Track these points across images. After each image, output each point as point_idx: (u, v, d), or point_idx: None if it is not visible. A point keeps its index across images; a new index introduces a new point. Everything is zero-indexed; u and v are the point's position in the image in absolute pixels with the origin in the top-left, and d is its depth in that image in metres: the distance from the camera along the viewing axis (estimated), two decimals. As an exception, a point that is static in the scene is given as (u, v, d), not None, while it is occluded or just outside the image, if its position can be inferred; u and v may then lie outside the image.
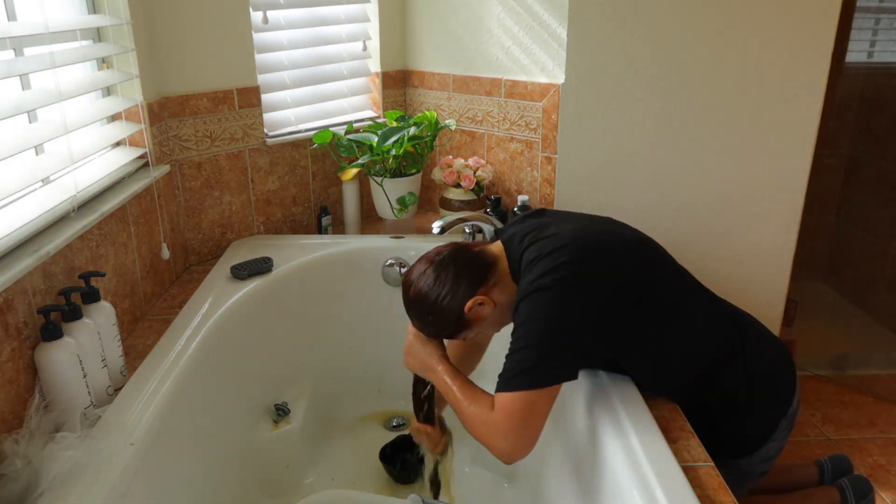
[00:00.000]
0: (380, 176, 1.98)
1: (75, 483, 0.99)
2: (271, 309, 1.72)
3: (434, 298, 1.17)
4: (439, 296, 1.17)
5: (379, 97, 2.24)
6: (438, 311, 1.18)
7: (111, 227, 1.45)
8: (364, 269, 1.91)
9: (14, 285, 1.09)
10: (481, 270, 1.19)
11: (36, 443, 1.02)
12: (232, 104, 1.86)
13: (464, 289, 1.16)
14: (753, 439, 1.29)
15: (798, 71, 1.86)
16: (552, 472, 1.40)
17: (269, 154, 1.98)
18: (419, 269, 1.21)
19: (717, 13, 1.81)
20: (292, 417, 1.71)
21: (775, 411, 1.29)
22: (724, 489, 1.02)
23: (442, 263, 1.18)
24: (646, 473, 1.00)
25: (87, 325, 1.20)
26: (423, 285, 1.18)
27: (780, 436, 1.29)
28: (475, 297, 1.16)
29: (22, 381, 1.11)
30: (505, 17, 1.95)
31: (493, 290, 1.18)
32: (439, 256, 1.20)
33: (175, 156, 1.78)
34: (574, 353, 1.08)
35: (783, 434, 1.30)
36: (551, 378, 1.06)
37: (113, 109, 1.52)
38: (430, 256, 1.21)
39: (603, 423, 1.14)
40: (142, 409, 1.19)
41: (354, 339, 1.95)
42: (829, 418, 2.06)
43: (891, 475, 1.83)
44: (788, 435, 1.32)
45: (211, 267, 1.80)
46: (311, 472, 1.73)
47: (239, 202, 1.95)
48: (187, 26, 1.73)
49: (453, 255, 1.20)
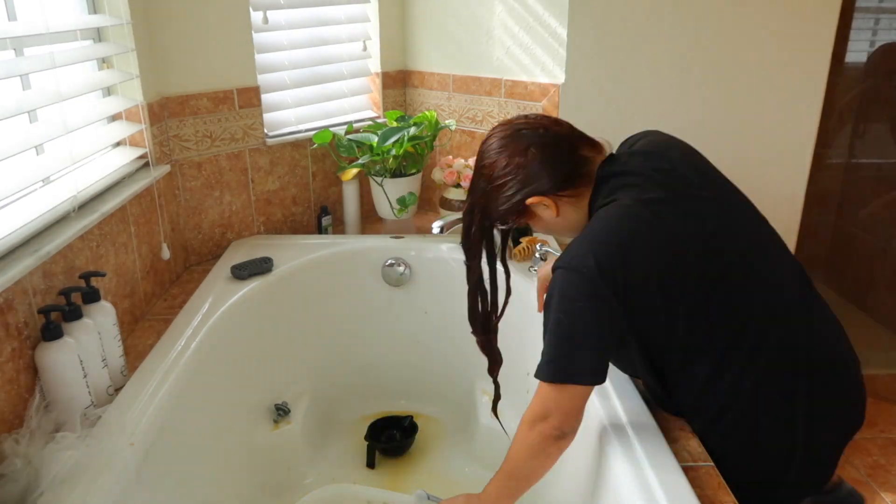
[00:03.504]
0: (380, 176, 1.98)
1: (75, 483, 0.99)
2: (271, 309, 1.72)
3: (503, 181, 1.09)
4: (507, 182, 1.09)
5: (379, 97, 2.24)
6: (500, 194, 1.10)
7: (111, 227, 1.45)
8: (364, 269, 1.91)
9: (14, 285, 1.10)
10: (570, 178, 1.10)
11: (36, 443, 1.02)
12: (232, 104, 1.86)
13: (537, 185, 1.08)
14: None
15: (798, 71, 1.86)
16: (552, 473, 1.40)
17: (270, 154, 1.98)
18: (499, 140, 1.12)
19: (716, 14, 1.81)
20: (292, 417, 1.71)
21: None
22: (724, 489, 1.02)
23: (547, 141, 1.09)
24: (646, 473, 1.00)
25: (87, 325, 1.20)
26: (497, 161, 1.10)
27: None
28: (543, 196, 1.09)
29: (22, 380, 1.11)
30: (505, 17, 1.95)
31: (565, 202, 1.11)
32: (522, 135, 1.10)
33: (175, 156, 1.78)
34: (596, 350, 1.02)
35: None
36: (566, 377, 1.03)
37: (113, 109, 1.52)
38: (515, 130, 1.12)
39: (602, 422, 1.14)
40: (142, 409, 1.19)
41: (354, 339, 1.95)
42: (829, 418, 2.06)
43: (891, 475, 1.83)
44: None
45: (211, 267, 1.80)
46: (311, 472, 1.73)
47: (239, 202, 1.95)
48: (187, 26, 1.73)
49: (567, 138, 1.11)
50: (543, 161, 1.09)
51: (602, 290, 0.99)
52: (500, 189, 1.11)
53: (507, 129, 1.13)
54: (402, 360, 1.98)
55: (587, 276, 0.99)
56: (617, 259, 1.00)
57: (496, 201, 1.12)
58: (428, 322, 1.93)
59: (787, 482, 1.09)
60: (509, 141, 1.11)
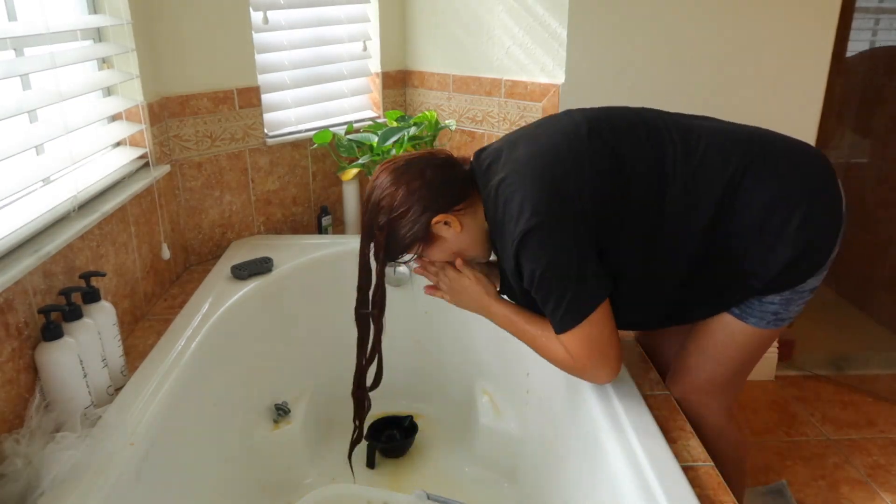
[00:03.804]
0: (380, 176, 1.98)
1: (75, 483, 0.99)
2: (271, 309, 1.72)
3: (400, 205, 1.13)
4: (410, 207, 1.12)
5: (379, 97, 2.24)
6: (404, 222, 1.13)
7: (111, 227, 1.45)
8: (364, 269, 1.91)
9: (15, 285, 1.10)
10: (461, 193, 1.16)
11: (36, 443, 1.02)
12: (232, 104, 1.86)
13: (438, 204, 1.13)
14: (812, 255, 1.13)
15: (798, 71, 1.86)
16: (552, 472, 1.40)
17: (270, 154, 1.98)
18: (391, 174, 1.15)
19: (716, 14, 1.81)
20: (292, 417, 1.71)
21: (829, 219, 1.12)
22: (724, 489, 1.02)
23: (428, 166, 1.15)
24: (646, 473, 1.00)
25: (87, 325, 1.20)
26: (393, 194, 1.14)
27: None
28: (445, 214, 1.13)
29: (22, 380, 1.11)
30: (505, 17, 1.95)
31: (465, 214, 1.15)
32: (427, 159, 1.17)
33: (175, 156, 1.78)
34: (594, 271, 1.06)
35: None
36: (593, 303, 1.06)
37: (113, 109, 1.52)
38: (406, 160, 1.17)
39: (603, 422, 1.14)
40: (142, 409, 1.19)
41: (354, 339, 1.94)
42: (829, 418, 2.06)
43: (891, 475, 1.83)
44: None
45: (211, 267, 1.80)
46: (311, 472, 1.73)
47: (239, 202, 1.95)
48: (187, 26, 1.73)
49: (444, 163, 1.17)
50: (441, 180, 1.14)
51: (557, 223, 1.04)
52: (403, 216, 1.14)
53: (393, 164, 1.18)
54: (401, 360, 1.97)
55: (538, 225, 1.03)
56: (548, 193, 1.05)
57: (399, 231, 1.15)
58: (428, 322, 1.93)
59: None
60: (402, 172, 1.15)
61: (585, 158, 1.09)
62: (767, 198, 1.09)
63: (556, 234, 1.05)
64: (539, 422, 1.54)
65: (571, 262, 1.05)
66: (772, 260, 1.10)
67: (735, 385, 1.30)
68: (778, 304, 1.16)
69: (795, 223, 1.08)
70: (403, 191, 1.13)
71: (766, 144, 1.15)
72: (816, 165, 1.15)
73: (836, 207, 1.13)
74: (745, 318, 1.18)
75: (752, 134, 1.16)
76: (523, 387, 1.64)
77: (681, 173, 1.09)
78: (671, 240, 1.10)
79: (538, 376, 1.57)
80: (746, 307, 1.17)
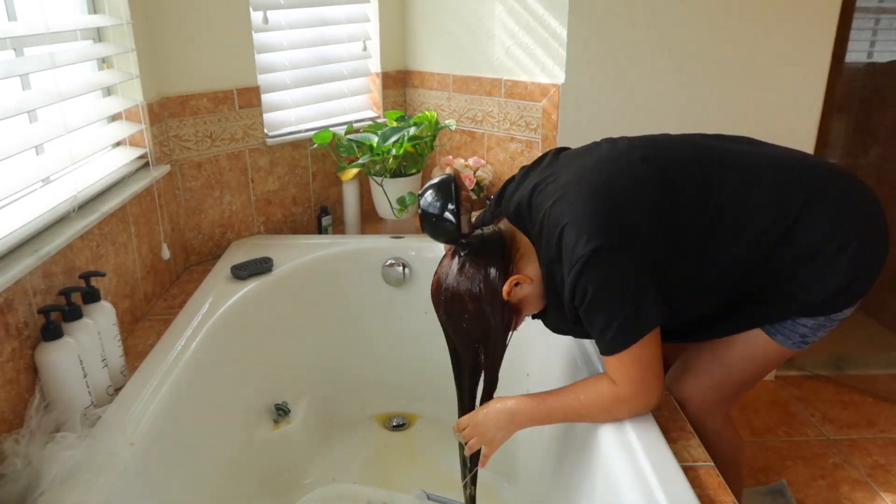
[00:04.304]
0: (380, 176, 1.98)
1: (75, 483, 0.99)
2: (271, 309, 1.72)
3: (470, 298, 1.12)
4: (475, 295, 1.11)
5: (379, 97, 2.24)
6: (479, 310, 1.13)
7: (111, 227, 1.45)
8: (364, 269, 1.91)
9: (14, 285, 1.10)
10: (501, 251, 1.14)
11: (36, 443, 1.02)
12: (232, 104, 1.86)
13: (494, 276, 1.11)
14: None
15: (798, 71, 1.86)
16: (552, 473, 1.40)
17: (270, 154, 1.98)
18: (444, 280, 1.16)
19: (716, 15, 1.81)
20: (292, 417, 1.71)
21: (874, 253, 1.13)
22: (724, 489, 1.02)
23: (462, 267, 1.14)
24: (646, 473, 1.00)
25: (87, 325, 1.20)
26: (455, 291, 1.13)
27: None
28: (508, 279, 1.11)
29: (22, 381, 1.11)
30: (505, 17, 1.95)
31: (523, 265, 1.13)
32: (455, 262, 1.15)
33: (175, 156, 1.78)
34: (652, 295, 1.03)
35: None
36: (647, 327, 1.02)
37: (113, 109, 1.52)
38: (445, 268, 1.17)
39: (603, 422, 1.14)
40: (142, 409, 1.19)
41: (354, 339, 1.95)
42: (829, 418, 2.06)
43: (891, 475, 1.83)
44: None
45: (211, 267, 1.80)
46: (311, 472, 1.73)
47: (239, 202, 1.95)
48: (187, 26, 1.73)
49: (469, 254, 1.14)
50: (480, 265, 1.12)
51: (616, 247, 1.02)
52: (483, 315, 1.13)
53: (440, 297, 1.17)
54: (402, 360, 1.97)
55: (596, 250, 1.00)
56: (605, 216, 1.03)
57: (492, 334, 1.15)
58: (428, 322, 1.92)
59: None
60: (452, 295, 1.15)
61: (640, 183, 1.08)
62: (826, 229, 1.09)
63: (615, 256, 1.02)
64: (539, 422, 1.54)
65: (629, 283, 1.02)
66: (817, 289, 1.11)
67: (738, 395, 1.30)
68: (809, 329, 1.16)
69: (847, 256, 1.09)
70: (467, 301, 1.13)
71: (821, 176, 1.15)
72: (868, 199, 1.16)
73: (884, 243, 1.14)
74: (774, 334, 1.17)
75: (804, 162, 1.16)
76: (523, 387, 1.64)
77: (736, 202, 1.09)
78: (721, 263, 1.10)
79: (538, 376, 1.57)
80: (778, 325, 1.17)
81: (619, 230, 1.03)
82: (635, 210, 1.05)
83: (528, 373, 1.62)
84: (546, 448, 1.46)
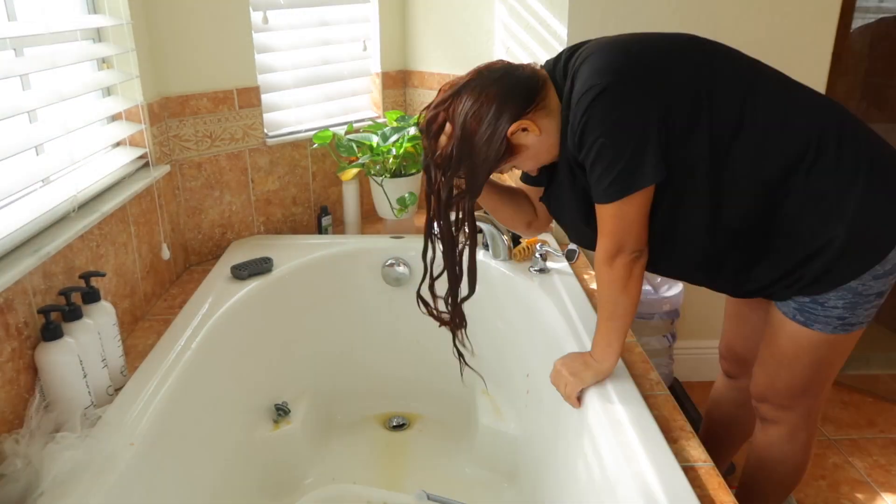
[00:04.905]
0: (380, 176, 1.98)
1: (75, 483, 0.99)
2: (271, 309, 1.72)
3: (477, 122, 1.08)
4: (482, 118, 1.08)
5: (379, 97, 2.24)
6: (479, 138, 1.09)
7: (111, 227, 1.45)
8: (364, 269, 1.91)
9: (14, 285, 1.10)
10: (529, 93, 1.11)
11: (36, 443, 1.02)
12: (232, 104, 1.86)
13: (509, 112, 1.08)
14: (871, 246, 1.10)
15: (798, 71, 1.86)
16: (552, 473, 1.40)
17: (270, 154, 1.98)
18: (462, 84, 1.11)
19: (716, 15, 1.81)
20: (292, 417, 1.72)
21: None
22: (724, 489, 1.02)
23: (485, 84, 1.10)
24: (646, 473, 1.00)
25: (87, 325, 1.20)
26: (467, 108, 1.09)
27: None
28: (520, 121, 1.09)
29: (22, 381, 1.11)
30: (505, 17, 1.95)
31: (541, 116, 1.11)
32: (485, 75, 1.11)
33: (175, 156, 1.78)
34: (654, 152, 1.03)
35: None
36: (642, 181, 1.03)
37: (113, 110, 1.52)
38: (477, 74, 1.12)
39: (603, 422, 1.14)
40: (142, 409, 1.19)
41: (354, 339, 1.95)
42: (829, 418, 2.06)
43: (891, 475, 1.83)
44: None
45: (211, 267, 1.80)
46: (311, 472, 1.73)
47: (239, 202, 1.95)
48: (187, 26, 1.73)
49: (501, 74, 1.11)
50: (506, 88, 1.09)
51: (633, 87, 1.02)
52: (477, 137, 1.09)
53: (450, 92, 1.12)
54: (402, 360, 1.97)
55: (614, 83, 1.00)
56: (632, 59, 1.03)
57: (477, 157, 1.10)
58: (428, 322, 1.92)
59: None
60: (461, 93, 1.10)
61: (678, 49, 1.08)
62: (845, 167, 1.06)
63: (629, 98, 1.01)
64: (539, 422, 1.54)
65: (634, 133, 1.02)
66: (823, 235, 1.08)
67: (815, 392, 1.27)
68: (842, 309, 1.13)
69: (854, 202, 1.06)
70: (471, 111, 1.09)
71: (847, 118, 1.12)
72: (888, 155, 1.12)
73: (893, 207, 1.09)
74: (810, 324, 1.16)
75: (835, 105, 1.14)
76: (523, 387, 1.64)
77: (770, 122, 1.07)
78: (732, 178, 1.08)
79: (538, 376, 1.57)
80: (810, 314, 1.15)
81: (644, 72, 1.03)
82: (666, 64, 1.05)
83: (527, 373, 1.62)
84: (546, 448, 1.46)
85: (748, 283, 1.19)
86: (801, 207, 1.08)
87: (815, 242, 1.09)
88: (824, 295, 1.13)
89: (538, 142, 1.13)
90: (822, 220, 1.08)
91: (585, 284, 1.68)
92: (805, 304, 1.15)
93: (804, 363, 1.21)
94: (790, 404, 1.27)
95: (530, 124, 1.10)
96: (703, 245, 1.14)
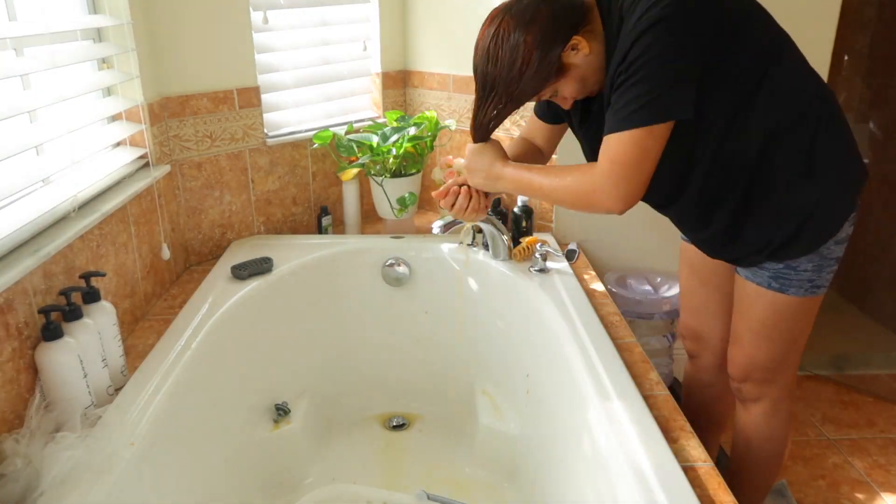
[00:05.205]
0: (380, 176, 1.98)
1: (75, 483, 0.99)
2: (271, 309, 1.72)
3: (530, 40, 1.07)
4: (536, 36, 1.07)
5: (379, 97, 2.24)
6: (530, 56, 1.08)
7: (111, 227, 1.45)
8: (364, 269, 1.91)
9: (15, 285, 1.10)
10: (578, 12, 1.10)
11: (36, 443, 1.02)
12: (232, 104, 1.86)
13: (564, 29, 1.08)
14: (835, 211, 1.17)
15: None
16: (552, 472, 1.40)
17: (270, 154, 1.98)
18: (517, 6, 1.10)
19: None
20: (292, 417, 1.72)
21: (853, 179, 1.18)
22: (724, 489, 1.02)
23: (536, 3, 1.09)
24: (646, 473, 1.00)
25: (87, 325, 1.20)
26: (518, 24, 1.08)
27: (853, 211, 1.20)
28: (574, 38, 1.08)
29: (22, 380, 1.11)
30: (505, 18, 1.95)
31: (590, 38, 1.10)
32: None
33: (175, 156, 1.78)
34: (687, 88, 1.02)
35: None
36: (668, 114, 1.02)
37: (113, 110, 1.52)
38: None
39: (603, 422, 1.14)
40: (142, 409, 1.19)
41: (354, 339, 1.95)
42: (829, 418, 2.07)
43: (891, 475, 1.83)
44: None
45: (211, 267, 1.80)
46: (311, 472, 1.73)
47: (239, 202, 1.95)
48: (187, 26, 1.73)
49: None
50: (555, 10, 1.09)
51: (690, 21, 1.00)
52: (530, 61, 1.09)
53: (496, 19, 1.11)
54: (402, 360, 1.98)
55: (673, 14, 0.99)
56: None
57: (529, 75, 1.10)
58: (428, 322, 1.93)
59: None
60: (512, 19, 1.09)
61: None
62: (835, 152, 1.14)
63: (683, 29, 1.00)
64: (539, 422, 1.54)
65: (678, 63, 1.00)
66: (804, 194, 1.14)
67: (793, 361, 1.33)
68: (811, 272, 1.20)
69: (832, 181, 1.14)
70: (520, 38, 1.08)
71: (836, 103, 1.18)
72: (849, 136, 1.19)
73: (860, 173, 1.19)
74: (786, 290, 1.22)
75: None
76: (523, 387, 1.64)
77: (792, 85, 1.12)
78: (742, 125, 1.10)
79: (538, 377, 1.57)
80: (784, 280, 1.22)
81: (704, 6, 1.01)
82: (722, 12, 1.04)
83: (527, 373, 1.62)
84: (546, 448, 1.46)
85: (734, 242, 1.22)
86: (788, 160, 1.13)
87: (797, 200, 1.14)
88: (797, 259, 1.19)
89: (585, 63, 1.12)
90: (803, 176, 1.13)
91: (585, 284, 1.68)
92: (779, 271, 1.21)
93: (782, 330, 1.26)
94: (772, 377, 1.32)
95: (581, 40, 1.09)
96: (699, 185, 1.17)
